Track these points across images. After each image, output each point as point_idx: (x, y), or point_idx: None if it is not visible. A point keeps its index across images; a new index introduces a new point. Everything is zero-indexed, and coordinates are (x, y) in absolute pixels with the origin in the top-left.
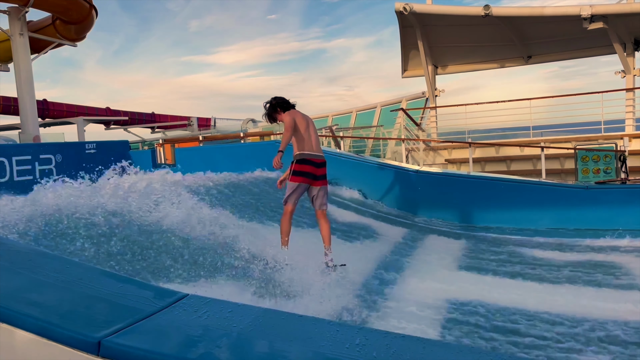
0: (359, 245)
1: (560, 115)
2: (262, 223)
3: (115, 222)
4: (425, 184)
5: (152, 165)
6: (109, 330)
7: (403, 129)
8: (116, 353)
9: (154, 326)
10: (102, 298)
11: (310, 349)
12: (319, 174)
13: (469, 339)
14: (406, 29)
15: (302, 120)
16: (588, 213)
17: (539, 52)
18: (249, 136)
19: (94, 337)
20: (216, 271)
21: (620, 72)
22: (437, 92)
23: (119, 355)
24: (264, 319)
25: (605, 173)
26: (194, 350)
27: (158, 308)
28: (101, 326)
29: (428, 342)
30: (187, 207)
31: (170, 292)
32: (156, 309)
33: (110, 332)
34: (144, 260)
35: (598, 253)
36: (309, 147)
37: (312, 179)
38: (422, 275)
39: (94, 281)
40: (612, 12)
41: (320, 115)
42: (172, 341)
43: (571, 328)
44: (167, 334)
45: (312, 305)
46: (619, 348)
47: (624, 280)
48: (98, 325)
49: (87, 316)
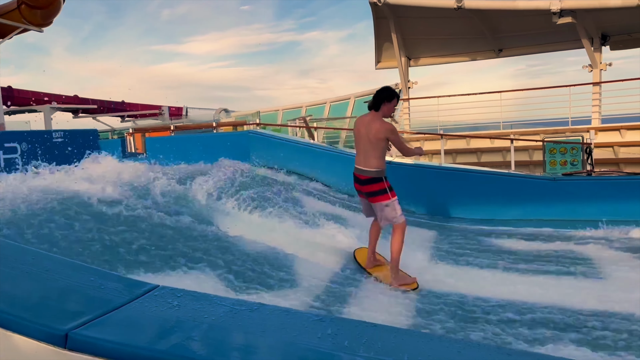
0: (331, 235)
1: (529, 109)
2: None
3: (84, 212)
4: (397, 175)
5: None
6: (77, 322)
7: None
8: (84, 345)
9: (123, 318)
10: (71, 290)
11: (282, 339)
12: (362, 191)
13: (441, 327)
14: (380, 20)
15: (356, 128)
16: (555, 204)
17: (509, 46)
18: (222, 126)
19: (60, 329)
20: (189, 262)
21: (587, 67)
22: (410, 85)
23: (86, 348)
24: (236, 310)
25: (572, 165)
26: (163, 342)
27: (128, 299)
28: (69, 318)
29: (399, 331)
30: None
31: (140, 283)
32: (126, 300)
33: (78, 324)
34: (114, 252)
35: (564, 243)
36: (356, 160)
37: (359, 194)
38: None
39: (62, 273)
40: (581, 7)
41: (294, 106)
42: (141, 333)
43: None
44: (137, 325)
45: (286, 296)
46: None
47: (589, 269)
48: (65, 318)
49: (54, 308)
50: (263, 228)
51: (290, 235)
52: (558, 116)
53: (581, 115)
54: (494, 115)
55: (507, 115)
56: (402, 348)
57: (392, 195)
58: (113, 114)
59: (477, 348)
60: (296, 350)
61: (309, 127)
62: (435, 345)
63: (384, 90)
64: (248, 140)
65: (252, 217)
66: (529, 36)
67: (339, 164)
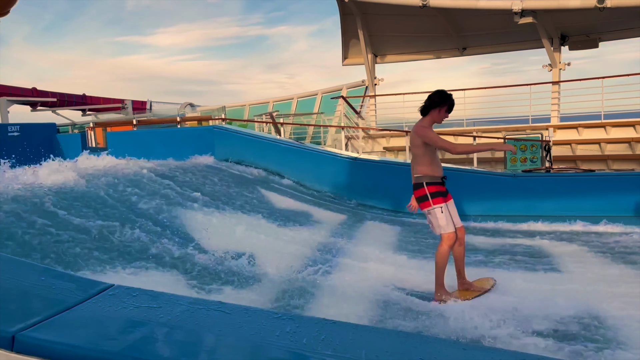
0: (295, 231)
1: (492, 107)
2: (195, 210)
3: (34, 210)
4: (363, 172)
5: (81, 149)
6: (25, 324)
7: (343, 117)
8: (32, 348)
9: (75, 318)
10: (19, 290)
11: (241, 337)
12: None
13: (403, 321)
14: (347, 16)
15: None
16: (515, 200)
17: (473, 45)
18: (187, 121)
19: (7, 331)
20: (148, 261)
21: (547, 66)
22: (377, 81)
23: (34, 350)
24: (194, 309)
25: (531, 162)
26: (117, 342)
27: (81, 299)
28: (16, 320)
29: (358, 327)
30: (115, 192)
31: (94, 282)
32: (79, 300)
33: (26, 325)
34: (67, 250)
35: (523, 238)
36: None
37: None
38: (357, 260)
39: (10, 272)
40: (541, 8)
41: (261, 101)
42: (93, 334)
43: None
44: (89, 326)
45: (245, 294)
46: (539, 328)
47: (546, 263)
48: (13, 319)
49: (0, 310)
50: (226, 224)
51: (253, 232)
52: (519, 114)
53: (541, 114)
54: (457, 113)
55: (470, 112)
56: (360, 344)
57: (433, 203)
58: (74, 107)
59: (433, 342)
60: (253, 349)
61: (275, 123)
62: (392, 341)
63: (434, 94)
64: (213, 135)
65: (215, 213)
66: (492, 35)
67: (306, 159)
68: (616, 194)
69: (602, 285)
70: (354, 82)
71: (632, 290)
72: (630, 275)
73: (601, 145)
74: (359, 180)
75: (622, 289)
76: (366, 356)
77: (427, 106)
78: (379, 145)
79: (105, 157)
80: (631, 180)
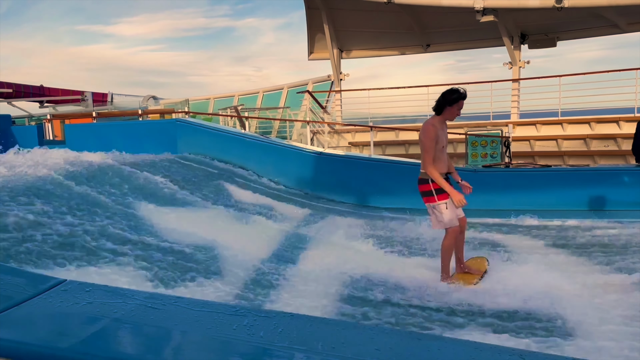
0: (258, 225)
1: None
2: (155, 204)
3: None
4: (328, 166)
5: (38, 142)
6: None
7: (309, 112)
8: None
9: (23, 315)
10: None
11: (197, 331)
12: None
13: (362, 314)
14: (312, 11)
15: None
16: (476, 194)
17: (437, 42)
18: (149, 114)
19: None
20: (102, 255)
21: (507, 64)
22: (342, 76)
23: None
24: (150, 304)
25: (491, 157)
26: (67, 339)
27: (30, 295)
28: None
29: (315, 320)
30: (70, 187)
31: (45, 277)
32: (27, 296)
33: None
34: (17, 245)
35: (483, 232)
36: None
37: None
38: (319, 254)
39: None
40: (502, 6)
41: (227, 95)
42: (43, 330)
43: (457, 300)
44: (38, 322)
45: (205, 288)
46: (498, 320)
47: (504, 255)
48: None
49: None
50: (187, 218)
51: (215, 225)
52: (480, 110)
53: (501, 110)
54: (422, 109)
55: None
56: (317, 336)
57: (438, 199)
58: (30, 98)
59: (390, 334)
60: (210, 342)
61: (240, 117)
62: (349, 333)
63: (447, 93)
64: (175, 128)
65: (176, 207)
66: (455, 33)
67: (271, 154)
68: (572, 189)
69: (555, 274)
70: (320, 77)
71: (586, 280)
72: (583, 264)
73: (558, 142)
74: (324, 174)
75: (577, 278)
76: (322, 347)
77: (440, 104)
78: (345, 140)
79: (62, 149)
80: (586, 176)
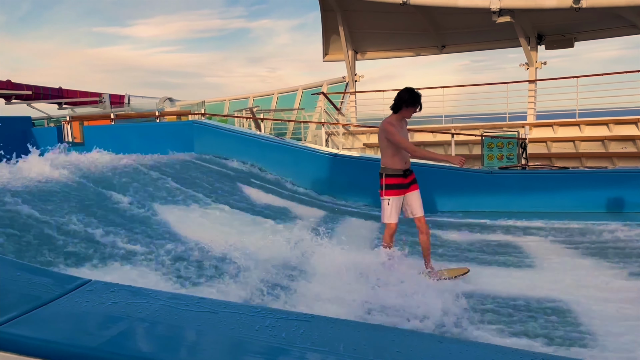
0: (273, 227)
1: (470, 104)
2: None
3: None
4: (343, 167)
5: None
6: (0, 319)
7: (323, 113)
8: (7, 343)
9: (51, 314)
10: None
11: (220, 332)
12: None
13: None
14: (327, 12)
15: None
16: (492, 196)
17: (452, 43)
18: (165, 115)
19: None
20: (125, 256)
21: (524, 65)
22: (357, 78)
23: (9, 346)
24: (173, 304)
25: (508, 159)
26: (93, 338)
27: (57, 295)
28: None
29: (337, 322)
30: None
31: (71, 277)
32: (55, 295)
33: (1, 321)
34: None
35: (499, 233)
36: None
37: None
38: (337, 256)
39: None
40: (519, 7)
41: (242, 96)
42: (70, 329)
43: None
44: (66, 321)
45: (225, 289)
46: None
47: (521, 258)
48: None
49: None
50: (206, 220)
51: (234, 227)
52: (496, 112)
53: (518, 111)
54: (436, 110)
55: (448, 110)
56: (338, 337)
57: (384, 194)
58: (49, 100)
59: (410, 335)
60: (232, 343)
61: (256, 118)
62: (370, 334)
63: (403, 92)
64: (192, 130)
65: (194, 208)
66: (470, 34)
67: (285, 155)
68: (589, 190)
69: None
70: (334, 79)
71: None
72: (600, 267)
73: (575, 143)
74: (339, 176)
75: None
76: (344, 349)
77: (397, 103)
78: (359, 142)
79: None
80: (604, 178)
